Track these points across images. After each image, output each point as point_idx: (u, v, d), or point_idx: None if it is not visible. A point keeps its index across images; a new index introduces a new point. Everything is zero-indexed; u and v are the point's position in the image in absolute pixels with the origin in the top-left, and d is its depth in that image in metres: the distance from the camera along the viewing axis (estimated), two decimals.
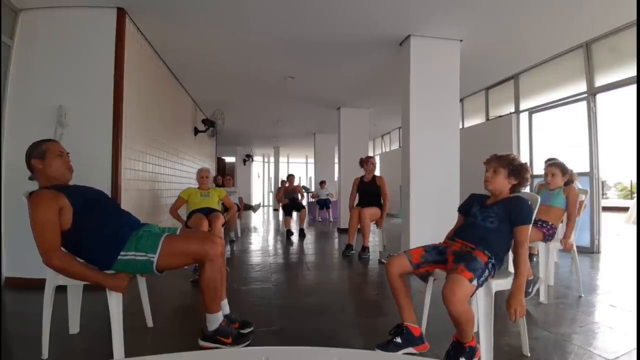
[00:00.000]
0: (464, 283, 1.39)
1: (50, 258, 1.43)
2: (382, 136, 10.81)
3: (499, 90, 5.54)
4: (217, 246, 1.66)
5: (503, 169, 1.71)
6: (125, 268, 1.56)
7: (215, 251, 1.64)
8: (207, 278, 1.63)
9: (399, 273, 1.68)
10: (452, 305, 1.37)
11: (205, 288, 1.66)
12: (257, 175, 15.18)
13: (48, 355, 1.57)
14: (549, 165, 2.73)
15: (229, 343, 1.67)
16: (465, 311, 1.40)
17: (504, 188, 1.72)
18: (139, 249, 1.55)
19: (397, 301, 1.70)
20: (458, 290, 1.38)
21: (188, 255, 1.63)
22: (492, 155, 1.78)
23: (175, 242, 1.62)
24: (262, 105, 6.75)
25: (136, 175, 3.42)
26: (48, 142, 1.69)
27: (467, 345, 1.46)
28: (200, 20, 3.30)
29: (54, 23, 2.89)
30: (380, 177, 4.19)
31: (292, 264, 3.72)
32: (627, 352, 1.66)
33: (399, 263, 1.68)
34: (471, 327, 1.45)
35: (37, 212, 1.46)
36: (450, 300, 1.37)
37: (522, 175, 1.70)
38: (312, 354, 0.72)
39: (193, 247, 1.63)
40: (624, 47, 3.68)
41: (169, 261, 1.59)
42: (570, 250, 2.53)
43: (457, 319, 1.40)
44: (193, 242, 1.66)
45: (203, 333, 1.71)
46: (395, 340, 1.63)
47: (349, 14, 3.19)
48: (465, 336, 1.46)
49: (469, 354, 1.46)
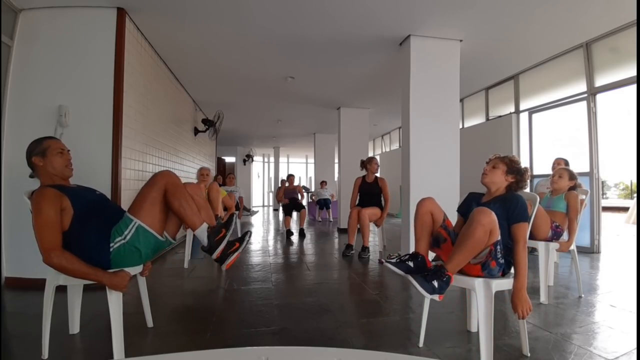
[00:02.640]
0: (492, 215, 1.46)
1: (50, 257, 1.43)
2: (382, 136, 10.81)
3: (499, 90, 5.54)
4: (165, 175, 1.67)
5: (502, 165, 1.73)
6: (126, 257, 1.57)
7: (168, 178, 1.65)
8: (172, 203, 1.65)
9: (431, 211, 1.70)
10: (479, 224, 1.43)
11: (177, 213, 1.68)
12: (257, 175, 15.18)
13: (48, 355, 1.57)
14: (560, 168, 2.78)
15: (224, 234, 1.71)
16: (479, 237, 1.44)
17: (499, 183, 1.72)
18: (121, 232, 1.57)
19: (417, 232, 1.71)
20: (487, 217, 1.45)
21: (157, 198, 1.63)
22: (494, 154, 1.81)
23: (137, 201, 1.64)
24: (262, 105, 6.75)
25: (136, 175, 3.42)
26: (49, 139, 1.69)
27: (447, 273, 1.49)
28: (200, 20, 3.30)
29: (54, 23, 2.89)
30: (382, 179, 4.21)
31: (292, 264, 3.72)
32: (627, 352, 1.66)
33: (436, 205, 1.72)
34: (465, 259, 1.50)
35: (39, 210, 1.46)
36: (478, 219, 1.44)
37: (520, 174, 1.71)
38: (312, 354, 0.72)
39: (152, 190, 1.63)
40: (624, 47, 3.68)
41: (152, 215, 1.61)
42: (566, 251, 2.54)
43: (468, 238, 1.45)
44: (146, 189, 1.66)
45: (206, 252, 1.72)
46: (408, 262, 1.59)
47: (349, 14, 3.19)
48: (453, 263, 1.49)
49: (444, 282, 1.47)
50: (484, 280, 1.53)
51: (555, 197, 2.69)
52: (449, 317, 2.17)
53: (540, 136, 4.98)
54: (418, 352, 1.69)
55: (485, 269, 1.53)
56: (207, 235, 1.69)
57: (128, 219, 1.60)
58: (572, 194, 2.61)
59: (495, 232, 1.48)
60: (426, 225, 1.70)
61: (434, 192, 3.47)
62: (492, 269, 1.53)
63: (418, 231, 1.72)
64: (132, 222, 1.58)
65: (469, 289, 1.59)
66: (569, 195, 2.61)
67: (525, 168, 1.74)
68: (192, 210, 1.68)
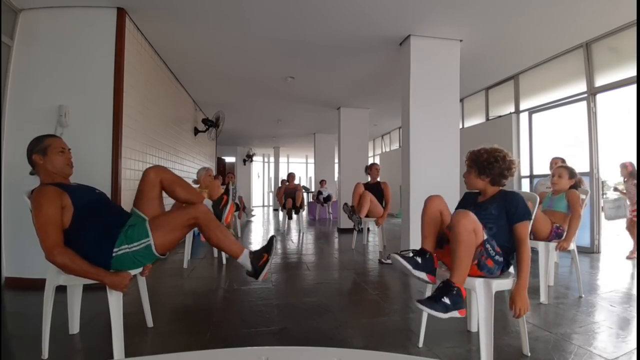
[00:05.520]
0: (469, 215, 1.42)
1: (53, 254, 1.43)
2: (382, 136, 10.81)
3: (499, 90, 5.54)
4: (200, 207, 1.66)
5: (472, 169, 1.68)
6: (126, 264, 1.56)
7: (201, 212, 1.64)
8: (209, 237, 1.67)
9: (440, 210, 1.66)
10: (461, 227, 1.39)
11: (216, 245, 1.70)
12: (257, 175, 15.18)
13: (48, 355, 1.57)
14: (558, 167, 2.76)
15: (267, 259, 1.71)
16: (467, 240, 1.40)
17: (482, 187, 1.69)
18: (131, 241, 1.55)
19: (424, 229, 1.66)
20: (464, 218, 1.41)
21: (179, 226, 1.62)
22: (468, 152, 1.74)
23: (162, 220, 1.62)
24: (262, 105, 6.75)
25: (136, 175, 3.42)
26: (50, 137, 1.69)
27: (455, 286, 1.42)
28: (200, 20, 3.30)
29: (54, 23, 2.89)
30: (384, 183, 4.25)
31: (292, 264, 3.72)
32: (627, 352, 1.67)
33: (445, 204, 1.68)
34: (466, 265, 1.44)
35: (40, 208, 1.45)
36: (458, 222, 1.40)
37: (491, 171, 1.62)
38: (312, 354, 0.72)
39: (180, 218, 1.62)
40: (624, 47, 3.68)
41: (165, 239, 1.59)
42: (564, 250, 2.53)
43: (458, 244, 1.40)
44: (177, 214, 1.65)
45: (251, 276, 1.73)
46: (416, 258, 1.57)
47: (349, 14, 3.19)
48: (457, 273, 1.43)
49: (455, 295, 1.39)
50: (484, 280, 1.53)
51: (556, 197, 2.68)
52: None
53: (540, 136, 4.98)
54: (418, 352, 1.69)
55: (483, 268, 1.51)
56: (250, 261, 1.69)
57: (146, 231, 1.56)
58: (573, 193, 2.61)
59: (479, 230, 1.45)
60: (435, 223, 1.65)
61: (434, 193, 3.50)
62: (491, 268, 1.52)
63: (425, 229, 1.67)
64: (147, 238, 1.55)
65: (469, 288, 1.59)
66: (570, 194, 2.60)
67: (494, 156, 1.62)
68: (230, 240, 1.69)
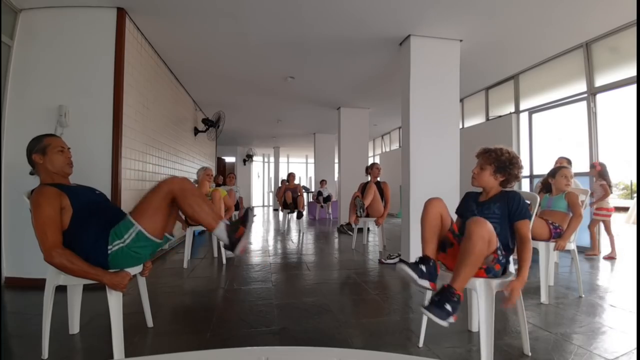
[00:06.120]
0: (487, 225, 1.41)
1: (51, 255, 1.42)
2: (382, 136, 10.81)
3: (499, 90, 5.54)
4: (173, 179, 1.63)
5: (489, 166, 1.68)
6: (125, 259, 1.56)
7: (175, 182, 1.61)
8: (184, 209, 1.62)
9: (440, 213, 1.65)
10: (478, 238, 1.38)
11: (191, 217, 1.65)
12: (257, 175, 15.17)
13: (48, 355, 1.57)
14: (566, 168, 2.75)
15: (243, 232, 1.67)
16: (480, 251, 1.40)
17: (491, 185, 1.69)
18: (120, 235, 1.54)
19: (425, 234, 1.65)
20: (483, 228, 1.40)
21: (159, 206, 1.59)
22: (481, 149, 1.74)
23: (142, 206, 1.60)
24: (262, 105, 6.75)
25: (136, 175, 3.42)
26: (50, 137, 1.69)
27: (457, 293, 1.43)
28: (200, 20, 3.30)
29: (54, 23, 2.89)
30: (384, 183, 4.28)
31: (292, 264, 3.72)
32: (627, 352, 1.67)
33: (445, 207, 1.67)
34: (471, 273, 1.44)
35: (39, 209, 1.45)
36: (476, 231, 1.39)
37: (510, 171, 1.65)
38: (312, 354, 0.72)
39: (156, 197, 1.59)
40: (624, 47, 3.68)
41: (153, 221, 1.57)
42: (562, 250, 2.53)
43: (470, 253, 1.39)
44: (152, 194, 1.62)
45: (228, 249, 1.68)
46: (420, 266, 1.56)
47: (349, 14, 3.19)
48: (460, 280, 1.43)
49: (456, 302, 1.40)
50: (485, 280, 1.53)
51: (555, 197, 2.68)
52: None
53: (540, 136, 4.98)
54: (418, 352, 1.69)
55: (490, 272, 1.53)
56: (227, 234, 1.64)
57: (129, 222, 1.56)
58: (573, 193, 2.61)
59: (493, 240, 1.46)
60: (435, 228, 1.64)
61: (434, 192, 3.46)
62: (497, 271, 1.55)
63: (426, 234, 1.65)
64: (133, 226, 1.55)
65: (470, 288, 1.59)
66: (570, 195, 2.60)
67: (514, 158, 1.66)
68: (206, 212, 1.64)
